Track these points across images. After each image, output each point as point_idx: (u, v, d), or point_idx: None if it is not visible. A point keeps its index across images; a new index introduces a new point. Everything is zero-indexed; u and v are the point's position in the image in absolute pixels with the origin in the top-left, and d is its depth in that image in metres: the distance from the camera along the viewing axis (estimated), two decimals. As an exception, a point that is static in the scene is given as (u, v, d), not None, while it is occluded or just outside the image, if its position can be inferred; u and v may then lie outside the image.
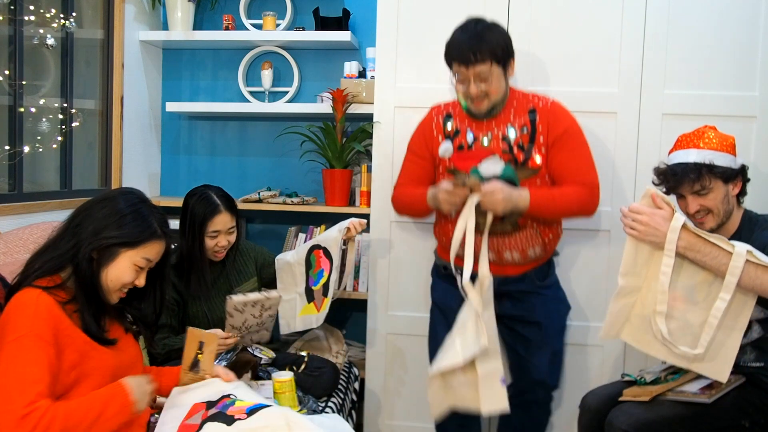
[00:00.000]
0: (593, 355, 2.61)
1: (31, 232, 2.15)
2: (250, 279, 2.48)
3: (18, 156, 2.35)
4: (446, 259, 2.26)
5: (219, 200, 2.31)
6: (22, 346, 1.41)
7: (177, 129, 3.32)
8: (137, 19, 3.06)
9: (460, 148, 2.23)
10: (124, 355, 1.64)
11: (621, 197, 2.55)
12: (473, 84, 2.12)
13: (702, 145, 1.96)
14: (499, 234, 2.19)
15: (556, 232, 2.30)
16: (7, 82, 2.32)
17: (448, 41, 2.16)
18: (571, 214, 2.23)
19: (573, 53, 2.55)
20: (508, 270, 2.25)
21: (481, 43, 2.07)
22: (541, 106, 2.21)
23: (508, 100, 2.22)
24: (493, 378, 2.08)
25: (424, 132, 2.34)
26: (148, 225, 1.60)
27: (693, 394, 1.93)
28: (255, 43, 3.12)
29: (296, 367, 2.26)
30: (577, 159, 2.21)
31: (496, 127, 2.20)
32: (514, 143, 2.18)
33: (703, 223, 1.98)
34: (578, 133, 2.23)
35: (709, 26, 2.49)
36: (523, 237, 2.20)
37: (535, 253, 2.24)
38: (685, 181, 1.95)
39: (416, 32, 2.64)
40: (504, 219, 2.15)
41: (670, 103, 2.51)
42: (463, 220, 2.07)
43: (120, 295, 1.62)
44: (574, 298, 2.60)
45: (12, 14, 2.30)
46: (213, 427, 1.54)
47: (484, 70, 2.08)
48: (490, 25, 2.13)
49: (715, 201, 1.94)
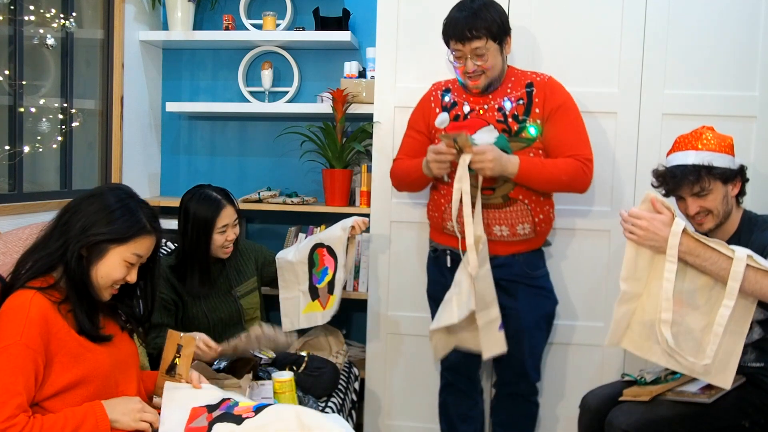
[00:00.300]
0: (593, 355, 2.61)
1: (31, 232, 2.15)
2: (250, 278, 2.47)
3: (18, 156, 2.35)
4: (436, 240, 2.38)
5: (219, 195, 2.31)
6: (10, 354, 1.41)
7: (177, 129, 3.32)
8: (137, 19, 3.06)
9: (456, 119, 2.28)
10: (119, 354, 1.64)
11: (621, 197, 2.55)
12: (470, 60, 2.17)
13: (700, 146, 1.96)
14: (489, 207, 2.22)
15: (547, 214, 2.29)
16: (7, 82, 2.33)
17: (445, 20, 2.22)
18: (561, 184, 2.22)
19: (573, 53, 2.55)
20: (498, 248, 2.25)
21: (476, 20, 2.12)
22: (539, 80, 2.26)
23: (506, 76, 2.26)
24: (492, 326, 2.18)
25: (422, 107, 2.39)
26: (137, 220, 1.59)
27: (693, 394, 1.93)
28: (255, 43, 3.12)
29: (296, 367, 2.26)
30: (572, 133, 2.23)
31: (493, 100, 2.25)
32: (509, 114, 2.21)
33: (703, 223, 1.98)
34: (574, 109, 2.26)
35: (709, 26, 2.49)
36: (512, 212, 2.22)
37: (524, 230, 2.24)
38: (685, 183, 1.95)
39: (416, 32, 2.64)
40: (495, 190, 2.19)
41: (670, 103, 2.51)
42: (458, 182, 2.11)
43: (112, 291, 1.61)
44: (574, 298, 2.60)
45: (12, 14, 2.30)
46: (223, 428, 1.53)
47: (480, 46, 2.14)
48: (486, 2, 2.18)
49: (715, 202, 1.94)
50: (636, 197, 2.52)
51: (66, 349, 1.50)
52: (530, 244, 2.30)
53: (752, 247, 1.89)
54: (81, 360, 1.52)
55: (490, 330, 2.18)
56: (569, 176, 2.19)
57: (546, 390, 2.62)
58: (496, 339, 2.19)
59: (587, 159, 2.22)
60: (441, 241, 2.37)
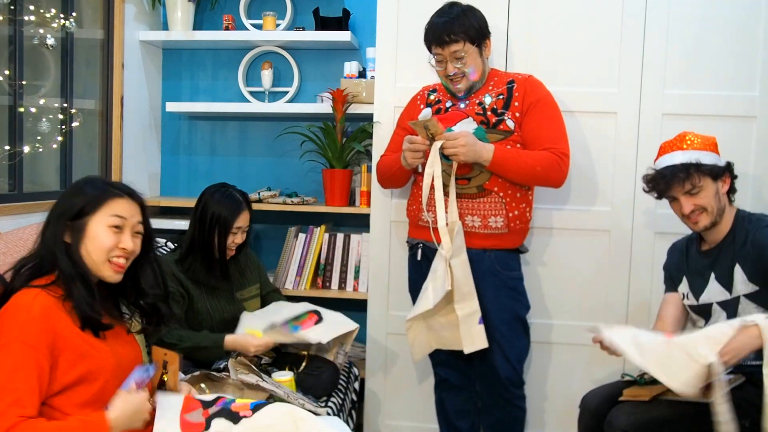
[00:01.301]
0: (593, 355, 2.60)
1: (31, 232, 2.15)
2: (253, 285, 2.50)
3: (18, 156, 2.35)
4: (411, 235, 2.43)
5: (241, 198, 2.36)
6: (9, 352, 1.40)
7: (177, 129, 3.32)
8: (137, 19, 3.06)
9: (438, 112, 2.34)
10: (123, 354, 1.63)
11: (621, 197, 2.55)
12: (450, 63, 2.25)
13: (685, 146, 2.01)
14: (463, 197, 2.25)
15: (522, 212, 2.30)
16: (7, 82, 2.33)
17: (426, 25, 2.32)
18: (536, 175, 2.23)
19: (573, 53, 2.55)
20: (469, 240, 2.24)
21: (454, 25, 2.21)
22: (520, 78, 2.32)
23: (489, 77, 2.33)
24: (471, 319, 2.20)
25: (410, 106, 2.48)
26: (102, 188, 1.59)
27: (693, 394, 1.93)
28: (255, 43, 3.12)
29: (296, 367, 2.26)
30: (549, 127, 2.26)
31: (476, 96, 2.31)
32: (489, 107, 2.27)
33: (698, 222, 1.99)
34: (553, 105, 2.30)
35: (709, 26, 2.49)
36: (486, 203, 2.24)
37: (496, 224, 2.25)
38: (675, 182, 1.97)
39: (416, 32, 2.62)
40: (470, 180, 2.23)
41: (670, 103, 2.51)
42: (429, 167, 2.18)
43: (116, 269, 1.58)
44: (574, 298, 2.60)
45: (12, 14, 2.31)
46: (220, 424, 1.53)
47: (459, 49, 2.22)
48: (465, 8, 2.27)
49: (708, 198, 1.97)
50: (636, 197, 2.52)
51: (72, 347, 1.49)
52: (503, 241, 2.30)
53: (750, 247, 1.90)
54: (86, 357, 1.51)
55: (469, 323, 2.20)
56: (543, 168, 2.21)
57: (539, 390, 2.63)
58: (476, 333, 2.21)
59: (563, 153, 2.24)
60: (415, 236, 2.41)
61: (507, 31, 2.58)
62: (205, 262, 2.31)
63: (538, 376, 2.63)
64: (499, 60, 2.58)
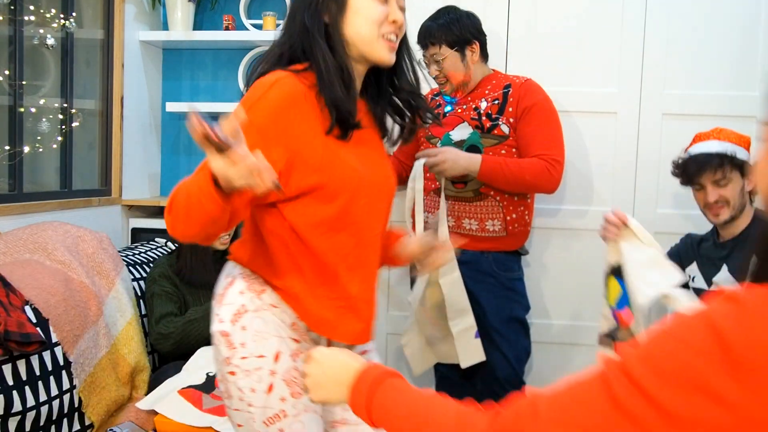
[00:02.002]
0: (593, 355, 2.60)
1: (31, 232, 2.15)
2: None
3: (18, 156, 2.35)
4: None
5: None
6: None
7: (177, 129, 3.32)
8: (137, 19, 3.06)
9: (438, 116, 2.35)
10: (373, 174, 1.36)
11: (621, 197, 2.55)
12: (431, 65, 2.29)
13: (723, 138, 2.02)
14: (460, 200, 2.27)
15: (521, 215, 2.29)
16: (7, 82, 2.33)
17: None
18: (525, 184, 2.21)
19: (573, 53, 2.55)
20: (468, 243, 2.20)
21: (432, 29, 2.25)
22: (517, 82, 2.29)
23: (486, 80, 2.32)
24: (467, 334, 2.22)
25: None
26: None
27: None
28: (255, 43, 3.12)
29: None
30: (541, 133, 2.24)
31: (472, 101, 2.31)
32: (483, 112, 2.27)
33: (719, 214, 2.01)
34: (548, 110, 2.27)
35: (709, 26, 2.49)
36: (483, 206, 2.25)
37: (494, 227, 2.26)
38: (708, 169, 1.98)
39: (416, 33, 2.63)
40: (466, 184, 2.25)
41: (670, 103, 2.51)
42: (411, 181, 2.19)
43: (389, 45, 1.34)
44: (574, 298, 2.60)
45: (12, 14, 2.31)
46: None
47: (436, 53, 2.25)
48: (455, 14, 2.28)
49: (733, 192, 1.98)
50: (636, 197, 2.52)
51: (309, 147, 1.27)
52: (502, 244, 2.30)
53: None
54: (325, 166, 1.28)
55: (465, 338, 2.22)
56: (533, 176, 2.18)
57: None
58: (472, 347, 2.22)
59: (554, 160, 2.20)
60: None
61: (507, 32, 2.58)
62: (198, 260, 2.32)
63: (538, 376, 2.63)
64: (499, 60, 2.58)
